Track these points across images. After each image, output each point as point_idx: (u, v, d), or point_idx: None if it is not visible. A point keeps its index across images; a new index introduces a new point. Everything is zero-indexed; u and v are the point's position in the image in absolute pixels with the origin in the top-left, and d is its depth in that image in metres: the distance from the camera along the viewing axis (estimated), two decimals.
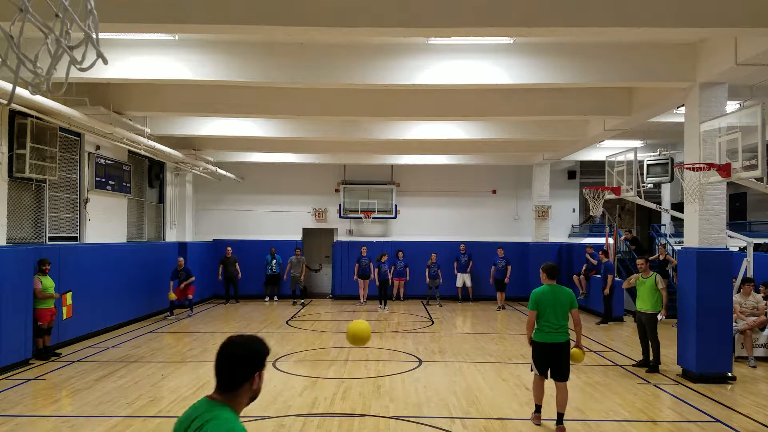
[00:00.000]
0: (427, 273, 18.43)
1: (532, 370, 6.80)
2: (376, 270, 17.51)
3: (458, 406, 7.46)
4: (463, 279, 18.82)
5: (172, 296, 14.98)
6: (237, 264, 18.22)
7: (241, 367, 2.27)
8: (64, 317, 10.81)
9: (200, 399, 2.33)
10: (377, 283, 17.37)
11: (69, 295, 11.01)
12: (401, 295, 18.87)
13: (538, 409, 6.80)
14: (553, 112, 11.46)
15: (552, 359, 6.56)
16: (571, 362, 6.62)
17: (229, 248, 18.42)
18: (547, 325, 6.49)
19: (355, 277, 18.24)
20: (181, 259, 15.69)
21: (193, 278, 15.59)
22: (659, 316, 9.56)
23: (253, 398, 2.34)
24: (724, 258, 8.97)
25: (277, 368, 9.43)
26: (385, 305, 17.13)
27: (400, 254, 18.53)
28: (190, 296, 15.70)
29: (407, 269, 18.51)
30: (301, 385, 8.43)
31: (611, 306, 14.76)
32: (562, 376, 6.53)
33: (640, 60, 8.91)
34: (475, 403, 7.59)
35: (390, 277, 17.92)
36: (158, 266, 15.66)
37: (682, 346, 9.30)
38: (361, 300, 18.17)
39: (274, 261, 18.83)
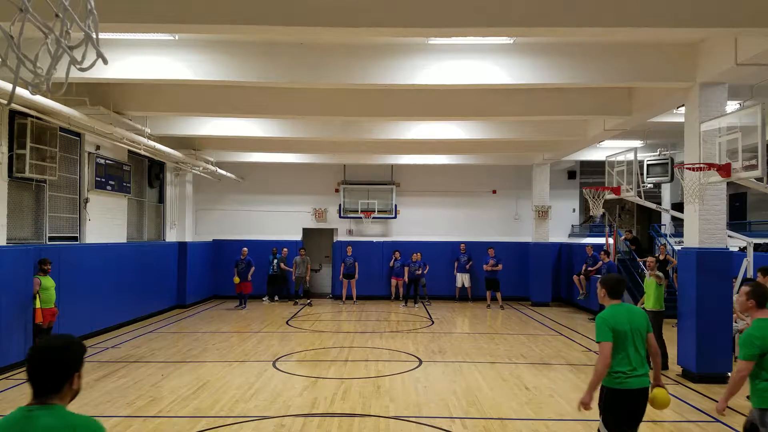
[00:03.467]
0: (406, 271, 18.24)
1: None
2: (406, 269, 17.93)
3: (458, 406, 7.46)
4: (462, 279, 18.85)
5: (236, 279, 16.95)
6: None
7: (62, 368, 2.24)
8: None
9: (16, 411, 2.21)
10: (405, 281, 17.92)
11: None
12: (400, 295, 18.89)
13: None
14: (553, 112, 11.46)
15: (636, 413, 4.52)
16: (655, 408, 4.69)
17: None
18: (627, 364, 4.43)
19: (341, 276, 18.56)
20: (245, 249, 17.42)
21: (252, 269, 17.22)
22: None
23: (72, 399, 2.31)
24: (724, 258, 8.97)
25: (277, 368, 9.43)
26: (415, 303, 17.75)
27: (397, 254, 18.68)
28: (248, 290, 17.19)
29: (405, 269, 18.57)
30: (301, 385, 8.43)
31: None
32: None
33: (640, 60, 8.90)
34: (475, 403, 7.59)
35: (419, 275, 18.11)
36: (158, 266, 15.67)
37: (682, 346, 9.30)
38: (343, 299, 18.53)
39: (275, 261, 18.78)
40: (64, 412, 2.21)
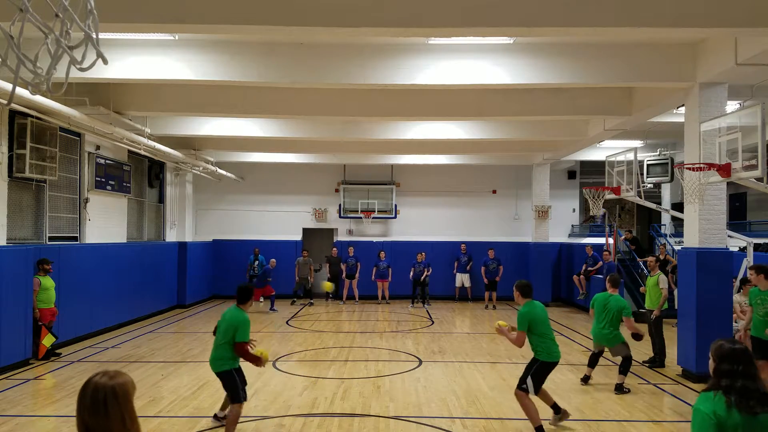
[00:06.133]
0: (411, 271, 18.10)
1: None
2: (412, 269, 17.88)
3: (458, 406, 7.46)
4: (462, 279, 18.83)
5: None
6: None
7: (247, 294, 5.99)
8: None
9: (232, 307, 5.88)
10: (411, 280, 17.88)
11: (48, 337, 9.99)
12: (386, 297, 18.63)
13: None
14: (553, 112, 11.46)
15: None
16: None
17: (257, 249, 18.71)
18: (554, 342, 6.84)
19: (343, 276, 18.52)
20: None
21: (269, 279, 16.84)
22: (652, 315, 9.74)
23: (249, 307, 5.97)
24: (724, 258, 8.97)
25: (277, 368, 9.43)
26: (424, 303, 17.74)
27: (383, 254, 18.57)
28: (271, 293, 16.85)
29: (390, 270, 18.45)
30: (301, 385, 8.43)
31: None
32: None
33: (640, 60, 8.91)
34: (475, 403, 7.59)
35: (421, 277, 17.97)
36: (158, 266, 15.67)
37: (682, 346, 9.30)
38: (344, 299, 18.49)
39: (256, 262, 18.43)
40: (240, 311, 5.80)
